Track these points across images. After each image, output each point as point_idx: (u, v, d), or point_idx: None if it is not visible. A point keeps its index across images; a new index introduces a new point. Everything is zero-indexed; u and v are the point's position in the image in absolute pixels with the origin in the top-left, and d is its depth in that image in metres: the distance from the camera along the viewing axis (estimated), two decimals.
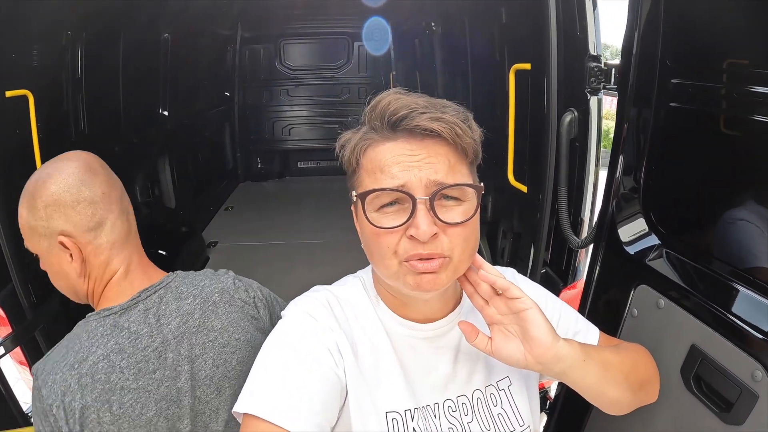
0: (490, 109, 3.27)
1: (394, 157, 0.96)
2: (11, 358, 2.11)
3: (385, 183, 0.95)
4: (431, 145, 0.96)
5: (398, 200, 0.96)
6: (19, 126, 2.24)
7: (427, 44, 4.94)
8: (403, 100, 0.97)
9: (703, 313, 1.25)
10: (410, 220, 0.93)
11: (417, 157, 0.95)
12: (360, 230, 1.05)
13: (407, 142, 0.96)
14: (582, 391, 1.09)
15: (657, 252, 1.45)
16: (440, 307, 1.11)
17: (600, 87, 1.75)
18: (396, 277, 0.98)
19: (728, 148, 1.28)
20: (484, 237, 3.48)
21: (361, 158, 1.01)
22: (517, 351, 1.00)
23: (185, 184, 4.89)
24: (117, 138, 3.64)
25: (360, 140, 1.01)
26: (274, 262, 4.46)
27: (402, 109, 0.95)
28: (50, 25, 2.64)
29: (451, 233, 0.95)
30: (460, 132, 0.96)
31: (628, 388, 1.11)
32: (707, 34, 1.29)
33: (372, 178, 0.98)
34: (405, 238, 0.94)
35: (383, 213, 0.97)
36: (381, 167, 0.96)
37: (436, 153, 0.96)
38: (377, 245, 0.97)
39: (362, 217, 0.99)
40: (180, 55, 4.56)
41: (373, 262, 1.04)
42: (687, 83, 1.33)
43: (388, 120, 0.96)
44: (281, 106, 6.89)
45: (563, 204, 1.87)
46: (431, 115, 0.94)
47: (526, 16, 2.37)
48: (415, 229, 0.92)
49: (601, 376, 1.05)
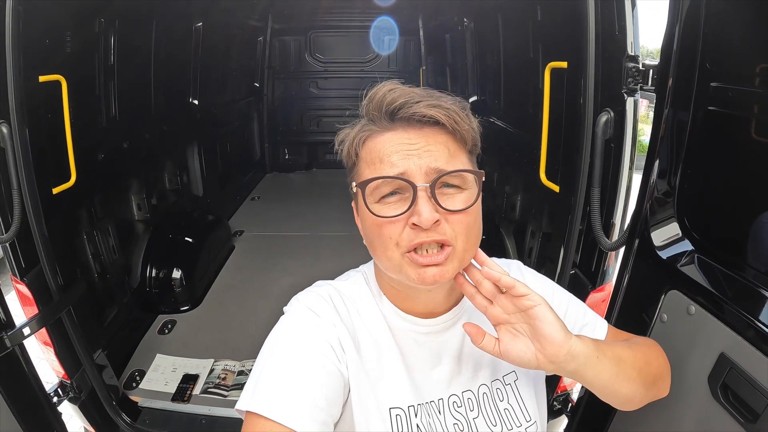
0: (522, 107, 3.24)
1: (393, 146, 0.96)
2: (36, 338, 2.15)
3: (384, 172, 0.95)
4: (430, 133, 0.96)
5: (399, 189, 0.95)
6: (51, 110, 2.28)
7: (459, 40, 4.90)
8: (399, 90, 0.97)
9: (734, 321, 1.22)
10: (412, 207, 0.92)
11: (416, 145, 0.95)
12: (361, 223, 1.04)
13: (405, 131, 0.96)
14: (595, 388, 1.05)
15: (689, 257, 1.41)
16: (443, 301, 1.09)
17: (637, 88, 1.71)
18: (398, 270, 0.97)
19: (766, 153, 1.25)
20: (511, 236, 3.46)
21: (360, 150, 1.01)
22: (527, 351, 0.95)
23: (213, 172, 4.95)
24: (147, 125, 3.70)
25: (358, 132, 1.01)
26: (299, 252, 4.51)
27: (399, 98, 0.95)
28: (84, 11, 2.68)
29: (454, 221, 0.94)
30: (458, 119, 0.96)
31: (641, 385, 1.07)
32: (748, 37, 1.25)
33: (371, 169, 0.97)
34: (407, 228, 0.93)
35: (384, 203, 0.96)
36: (380, 157, 0.96)
37: (435, 141, 0.96)
38: (379, 236, 0.96)
39: (363, 208, 0.98)
40: (211, 45, 4.61)
41: (375, 255, 1.03)
42: (726, 87, 1.30)
43: (386, 110, 0.96)
44: (310, 98, 6.91)
45: (596, 205, 1.83)
46: (429, 102, 0.95)
47: (562, 15, 2.33)
48: (417, 216, 0.91)
49: (615, 373, 1.01)
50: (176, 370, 3.01)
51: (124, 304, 3.18)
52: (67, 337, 2.22)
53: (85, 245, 2.79)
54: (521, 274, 1.22)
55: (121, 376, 2.89)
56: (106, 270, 2.98)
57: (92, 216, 2.87)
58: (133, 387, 2.86)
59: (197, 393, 2.84)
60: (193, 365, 3.05)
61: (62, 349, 2.24)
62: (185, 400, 2.80)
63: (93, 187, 2.85)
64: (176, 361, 3.08)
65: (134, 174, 3.56)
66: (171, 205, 4.09)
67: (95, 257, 2.86)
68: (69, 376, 2.29)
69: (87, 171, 2.59)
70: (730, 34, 1.29)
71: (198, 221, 4.31)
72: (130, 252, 3.49)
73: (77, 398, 2.33)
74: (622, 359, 1.04)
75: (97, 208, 2.94)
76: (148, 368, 3.02)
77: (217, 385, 2.88)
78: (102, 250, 2.96)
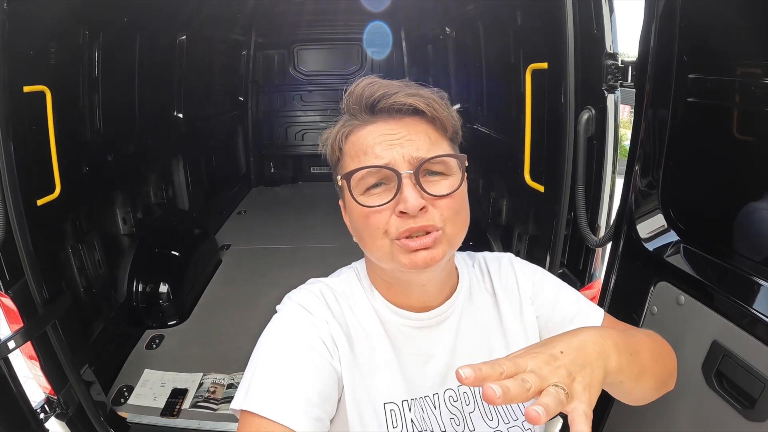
0: (504, 112, 3.26)
1: (375, 137, 0.97)
2: (21, 352, 2.12)
3: (368, 163, 0.95)
4: (411, 123, 0.97)
5: (384, 180, 0.96)
6: (36, 121, 2.26)
7: (441, 49, 4.94)
8: (377, 83, 0.98)
9: (725, 308, 1.22)
10: (397, 195, 0.93)
11: (398, 134, 0.96)
12: (349, 218, 1.05)
13: (386, 123, 0.98)
14: (615, 395, 1.02)
15: (676, 248, 1.43)
16: (436, 293, 1.09)
17: (617, 85, 1.74)
18: (389, 258, 0.97)
19: (746, 141, 1.27)
20: (498, 240, 3.47)
21: (343, 145, 1.02)
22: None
23: (199, 186, 4.93)
24: (132, 138, 3.68)
25: (340, 128, 1.03)
26: (286, 265, 4.49)
27: (378, 90, 0.97)
28: (68, 23, 2.68)
29: (441, 206, 0.94)
30: (437, 106, 0.97)
31: (654, 387, 1.05)
32: (724, 28, 1.27)
33: (355, 161, 0.98)
34: (395, 216, 0.94)
35: (370, 194, 0.96)
36: (364, 149, 0.97)
37: (416, 130, 0.97)
38: (367, 227, 0.97)
39: (350, 200, 0.98)
40: (195, 59, 4.61)
41: (365, 247, 1.03)
42: (705, 78, 1.32)
43: (365, 103, 0.98)
44: (294, 111, 6.92)
45: (581, 202, 1.85)
46: (407, 92, 0.96)
47: (541, 17, 2.36)
48: (403, 203, 0.91)
49: (635, 384, 0.96)
50: (165, 384, 2.97)
51: (111, 319, 3.14)
52: (53, 351, 2.18)
53: (70, 259, 2.75)
54: (512, 266, 1.22)
55: (109, 392, 2.85)
56: (92, 284, 2.95)
57: (77, 229, 2.84)
58: (121, 403, 2.82)
59: (186, 407, 2.81)
60: (182, 379, 3.01)
61: (48, 364, 2.20)
62: (174, 415, 2.76)
63: (78, 199, 2.82)
64: (165, 376, 3.04)
65: (119, 187, 3.53)
66: (157, 219, 4.06)
67: (80, 271, 2.83)
68: (56, 392, 2.25)
69: (71, 183, 2.56)
70: (706, 26, 1.31)
71: (184, 235, 4.28)
72: (116, 266, 3.46)
73: (64, 414, 2.29)
74: (645, 372, 0.98)
75: (82, 221, 2.91)
76: (137, 383, 2.97)
77: (206, 399, 2.85)
78: (87, 264, 2.92)
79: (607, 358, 0.84)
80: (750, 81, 1.20)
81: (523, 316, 1.16)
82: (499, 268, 1.21)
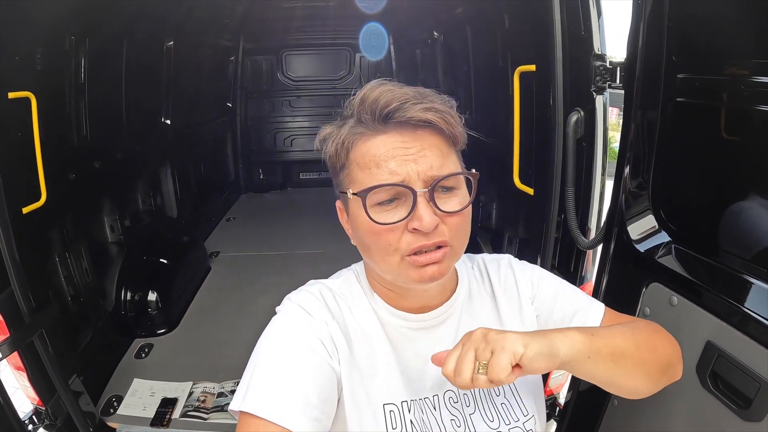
0: (493, 115, 3.26)
1: (388, 150, 0.94)
2: (8, 362, 2.09)
3: (382, 178, 0.94)
4: (423, 135, 0.96)
5: (396, 195, 0.95)
6: (21, 128, 2.24)
7: (429, 54, 4.95)
8: (392, 92, 0.95)
9: (718, 308, 1.22)
10: (412, 213, 0.92)
11: (411, 149, 0.94)
12: (353, 228, 1.04)
13: (399, 134, 0.95)
14: (594, 382, 1.03)
15: (667, 249, 1.43)
16: (436, 296, 1.10)
17: (605, 86, 1.74)
18: (398, 273, 0.97)
19: (736, 140, 1.27)
20: (488, 244, 3.46)
21: (350, 153, 0.99)
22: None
23: (187, 193, 4.90)
24: (119, 145, 3.65)
25: (348, 134, 0.99)
26: (275, 272, 4.47)
27: (393, 101, 0.94)
28: (54, 29, 2.65)
29: (450, 222, 0.95)
30: (452, 121, 0.96)
31: (646, 377, 1.04)
32: (712, 27, 1.27)
33: (366, 173, 0.96)
34: (407, 232, 0.94)
35: (382, 209, 0.95)
36: (376, 162, 0.95)
37: (430, 144, 0.95)
38: (377, 243, 0.96)
39: (358, 214, 0.97)
40: (183, 64, 4.59)
41: (371, 260, 1.03)
42: (693, 77, 1.32)
43: (379, 113, 0.95)
44: (283, 117, 6.90)
45: (571, 204, 1.85)
46: (424, 105, 0.94)
47: (529, 19, 2.36)
48: (418, 222, 0.91)
49: (612, 368, 0.98)
50: (154, 394, 2.94)
51: (99, 328, 3.10)
52: (41, 361, 2.15)
53: (57, 267, 2.72)
54: (511, 267, 1.22)
55: (98, 402, 2.81)
56: (80, 293, 2.91)
57: (64, 237, 2.81)
58: (110, 413, 2.78)
59: (177, 417, 2.78)
60: (172, 389, 2.98)
61: (36, 375, 2.17)
62: (165, 425, 2.72)
63: (64, 207, 2.79)
64: (154, 385, 3.01)
65: (106, 194, 3.49)
66: (145, 226, 4.03)
67: (68, 280, 2.79)
68: (44, 403, 2.22)
69: (58, 191, 2.54)
70: (694, 25, 1.31)
71: (173, 243, 4.24)
72: (104, 274, 3.41)
73: (53, 425, 2.26)
74: (622, 354, 0.99)
75: (69, 228, 2.87)
76: (126, 393, 2.94)
77: (196, 408, 2.82)
78: (75, 273, 2.88)
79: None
80: (739, 80, 1.20)
81: (523, 316, 1.16)
82: (498, 270, 1.21)
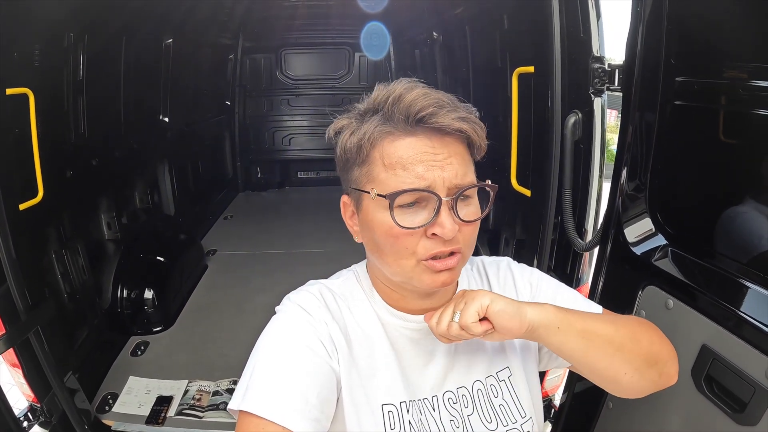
0: (491, 116, 3.25)
1: (416, 154, 0.93)
2: (4, 359, 2.09)
3: (408, 181, 0.93)
4: (450, 143, 0.95)
5: (419, 199, 0.94)
6: (18, 125, 2.23)
7: (428, 54, 4.94)
8: (429, 97, 0.93)
9: (714, 311, 1.23)
10: (434, 219, 0.92)
11: (439, 156, 0.93)
12: (365, 227, 1.02)
13: (428, 139, 0.94)
14: (571, 361, 1.07)
15: (664, 252, 1.43)
16: (439, 298, 1.10)
17: (604, 88, 1.74)
18: (410, 276, 0.98)
19: (734, 144, 1.27)
20: (485, 245, 3.46)
21: (375, 150, 0.97)
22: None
23: (185, 191, 4.89)
24: (117, 142, 3.65)
25: (375, 131, 0.96)
26: (272, 271, 4.46)
27: (429, 106, 0.92)
28: (52, 25, 2.64)
29: (465, 230, 0.96)
30: (481, 133, 0.97)
31: (626, 364, 1.04)
32: (711, 30, 1.28)
33: (391, 174, 0.94)
34: (425, 238, 0.94)
35: (402, 212, 0.94)
36: (403, 164, 0.93)
37: (456, 152, 0.95)
38: (393, 245, 0.96)
39: (377, 215, 0.96)
40: (182, 62, 4.58)
41: (382, 261, 1.02)
42: (692, 81, 1.32)
43: (414, 116, 0.93)
44: (282, 116, 6.89)
45: (568, 206, 1.85)
46: (459, 114, 0.93)
47: (528, 20, 2.36)
48: (440, 228, 0.92)
49: (584, 345, 1.02)
50: (150, 392, 2.93)
51: (95, 326, 3.10)
52: (36, 358, 2.15)
53: (53, 264, 2.71)
54: (510, 269, 1.22)
55: (94, 400, 2.81)
56: (76, 290, 2.90)
57: (61, 234, 2.80)
58: (106, 410, 2.78)
59: (172, 415, 2.77)
60: (167, 387, 2.97)
61: (31, 372, 2.17)
62: (160, 423, 2.72)
63: (61, 204, 2.78)
64: (150, 383, 3.00)
65: (104, 192, 3.48)
66: (142, 224, 4.03)
67: (64, 277, 2.78)
68: (39, 400, 2.22)
69: (55, 188, 2.53)
70: (693, 28, 1.31)
71: (170, 241, 4.23)
72: (101, 272, 3.41)
73: (48, 422, 2.26)
74: (595, 332, 1.03)
75: (66, 226, 2.86)
76: (122, 391, 2.93)
77: (191, 407, 2.81)
78: (71, 270, 2.87)
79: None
80: (737, 83, 1.20)
81: None
82: (497, 272, 1.22)
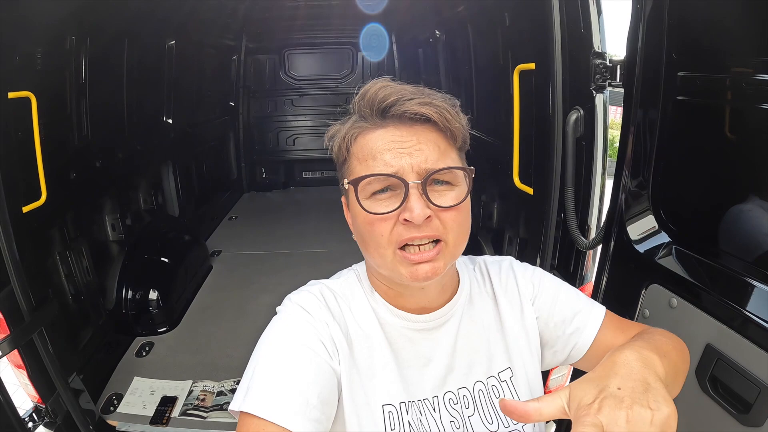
0: (494, 114, 3.25)
1: (385, 143, 0.95)
2: (8, 360, 2.09)
3: (377, 170, 0.94)
4: (421, 131, 0.96)
5: (390, 187, 0.95)
6: (21, 128, 2.24)
7: (431, 53, 4.94)
8: (391, 87, 0.97)
9: (718, 310, 1.21)
10: (403, 204, 0.92)
11: (408, 143, 0.95)
12: (352, 220, 1.04)
13: (397, 129, 0.96)
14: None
15: (667, 250, 1.41)
16: (436, 297, 1.09)
17: (605, 84, 1.72)
18: (391, 268, 0.97)
19: (738, 139, 1.25)
20: (489, 244, 3.45)
21: (351, 146, 1.01)
22: None
23: (189, 192, 4.91)
24: (121, 144, 3.66)
25: (350, 129, 1.01)
26: (277, 271, 4.47)
27: (391, 95, 0.95)
28: (55, 29, 2.65)
29: (445, 217, 0.94)
30: (449, 116, 0.96)
31: (681, 386, 1.00)
32: (713, 24, 1.26)
33: (363, 165, 0.97)
34: (399, 224, 0.93)
35: (375, 200, 0.96)
36: (372, 154, 0.96)
37: (426, 139, 0.96)
38: (371, 233, 0.96)
39: (355, 204, 0.98)
40: (185, 64, 4.59)
41: (367, 253, 1.03)
42: (694, 75, 1.31)
43: (378, 107, 0.96)
44: (286, 116, 6.91)
45: (570, 204, 1.83)
46: (420, 100, 0.95)
47: (530, 18, 2.34)
48: (409, 212, 0.91)
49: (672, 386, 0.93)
50: (154, 392, 2.94)
51: (100, 327, 3.11)
52: (41, 359, 2.16)
53: (57, 266, 2.72)
54: (512, 269, 1.21)
55: (98, 400, 2.82)
56: (80, 291, 2.92)
57: (64, 236, 2.81)
58: (110, 411, 2.79)
59: (176, 415, 2.78)
60: (172, 387, 2.98)
61: (36, 373, 2.18)
62: (164, 423, 2.73)
63: (65, 206, 2.80)
64: (154, 384, 3.01)
65: (108, 194, 3.50)
66: (146, 225, 4.03)
67: (68, 278, 2.80)
68: (43, 401, 2.23)
69: (58, 190, 2.55)
70: (695, 22, 1.29)
71: (174, 241, 4.25)
72: (105, 273, 3.43)
73: (53, 423, 2.27)
74: (677, 372, 0.97)
75: (70, 227, 2.88)
76: (126, 391, 2.94)
77: (196, 407, 2.82)
78: (75, 271, 2.89)
79: (654, 367, 0.79)
80: (742, 78, 1.19)
81: (524, 317, 1.16)
82: (499, 271, 1.21)
